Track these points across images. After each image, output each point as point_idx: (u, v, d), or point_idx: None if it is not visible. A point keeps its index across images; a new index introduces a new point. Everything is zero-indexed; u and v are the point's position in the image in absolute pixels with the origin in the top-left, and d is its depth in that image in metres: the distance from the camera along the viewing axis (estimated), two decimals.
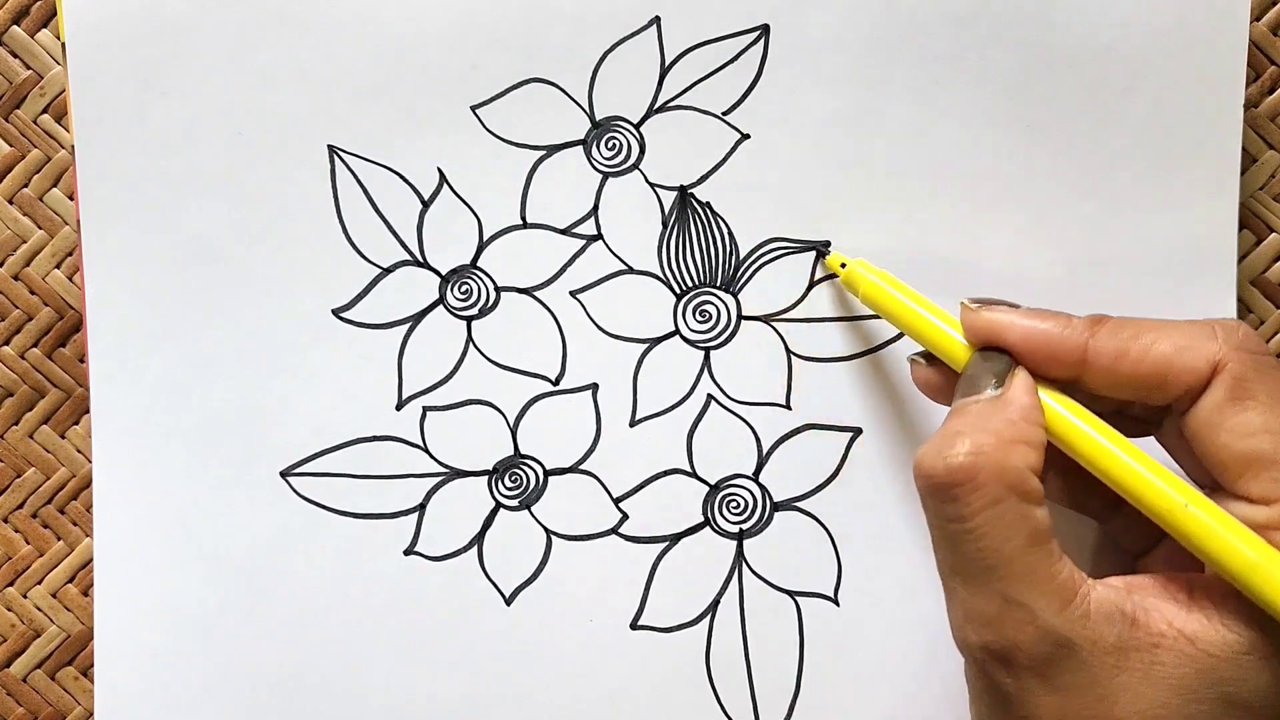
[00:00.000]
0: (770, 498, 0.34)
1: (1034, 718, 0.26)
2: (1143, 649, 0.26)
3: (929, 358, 0.31)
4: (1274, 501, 0.26)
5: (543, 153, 0.34)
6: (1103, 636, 0.26)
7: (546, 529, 0.34)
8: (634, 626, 0.34)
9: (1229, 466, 0.27)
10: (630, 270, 0.34)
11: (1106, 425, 0.28)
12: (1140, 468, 0.27)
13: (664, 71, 0.34)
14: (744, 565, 0.34)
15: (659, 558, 0.34)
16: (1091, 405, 0.29)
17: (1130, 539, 0.31)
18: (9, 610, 0.36)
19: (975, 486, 0.26)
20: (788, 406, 0.34)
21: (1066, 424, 0.28)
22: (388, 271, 0.34)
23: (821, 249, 0.34)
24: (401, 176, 0.34)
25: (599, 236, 0.34)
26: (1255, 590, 0.25)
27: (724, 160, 0.34)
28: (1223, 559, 0.26)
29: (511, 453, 0.34)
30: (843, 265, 0.33)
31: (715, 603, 0.34)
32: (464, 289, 0.34)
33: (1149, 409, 0.29)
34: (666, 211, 0.34)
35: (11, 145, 0.35)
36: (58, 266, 0.35)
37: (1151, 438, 0.30)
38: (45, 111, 0.35)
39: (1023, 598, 0.26)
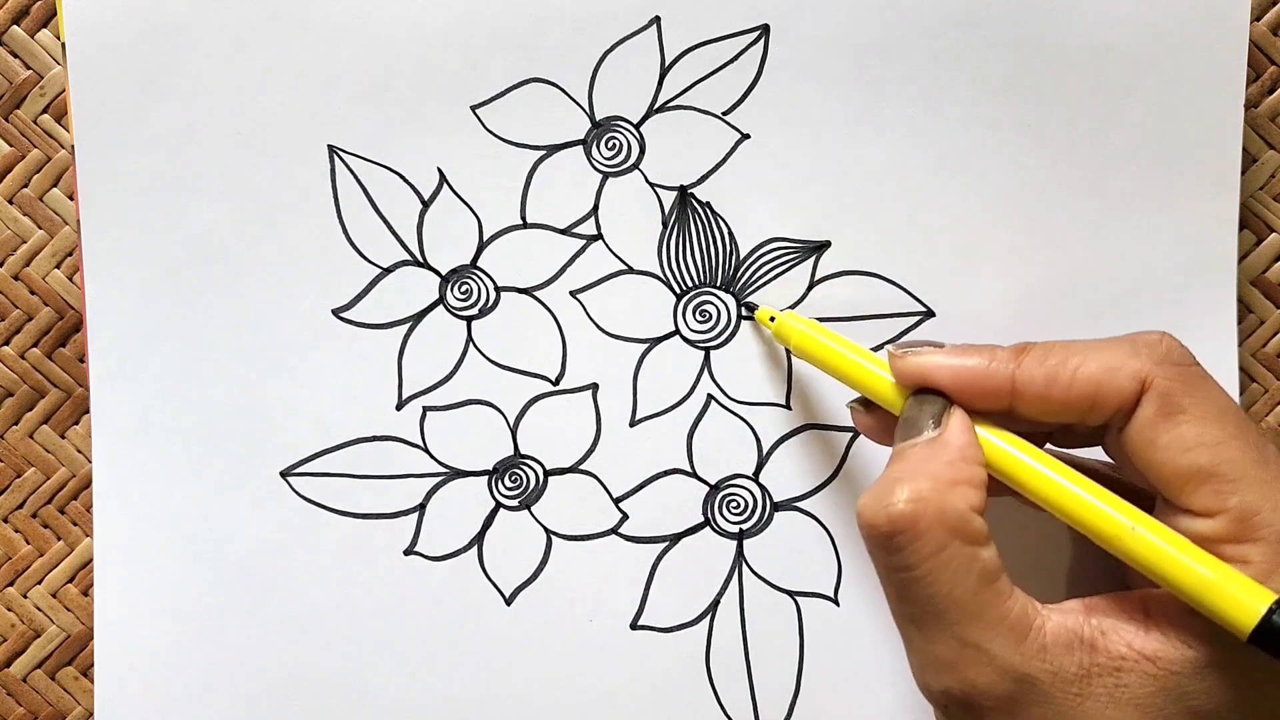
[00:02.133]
0: (770, 498, 0.34)
1: None
2: (1105, 674, 0.26)
3: (867, 403, 0.30)
4: (1217, 514, 0.26)
5: (543, 153, 0.34)
6: (1063, 667, 0.26)
7: (546, 529, 0.34)
8: (634, 626, 0.34)
9: (1169, 482, 0.27)
10: (630, 270, 0.34)
11: (1046, 455, 0.27)
12: (1083, 494, 0.27)
13: (664, 71, 0.34)
14: (744, 565, 0.34)
15: (659, 558, 0.34)
16: (1033, 429, 0.29)
17: None
18: (9, 610, 0.36)
19: (917, 534, 0.26)
20: (788, 406, 0.34)
21: (1006, 457, 0.28)
22: (388, 271, 0.34)
23: (822, 248, 0.34)
24: (401, 176, 0.34)
25: (599, 236, 0.34)
26: (1210, 607, 0.25)
27: (724, 160, 0.34)
28: (1175, 579, 0.25)
29: (511, 453, 0.34)
30: (772, 319, 0.33)
31: (715, 603, 0.34)
32: (464, 289, 0.34)
33: (1088, 427, 0.29)
34: (666, 211, 0.34)
35: (11, 145, 0.35)
36: (58, 266, 0.35)
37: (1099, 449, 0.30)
38: (45, 111, 0.35)
39: (977, 639, 0.26)
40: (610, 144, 0.34)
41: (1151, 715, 0.26)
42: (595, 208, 0.34)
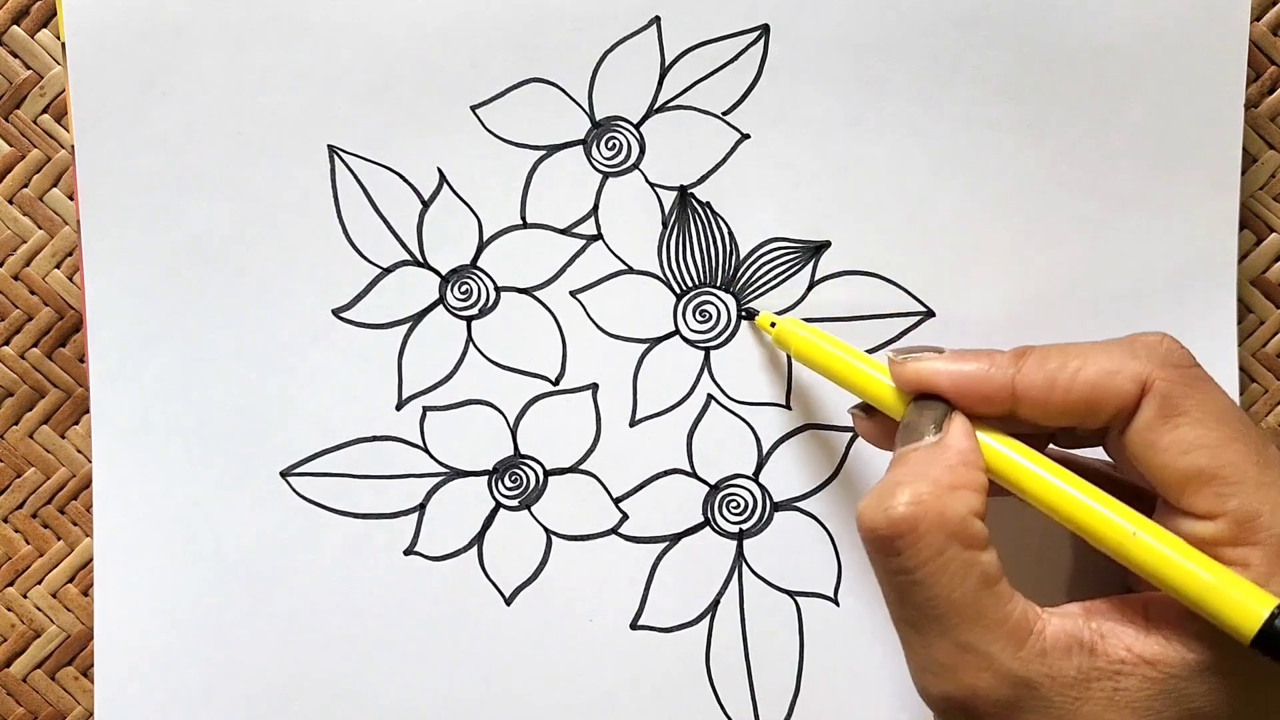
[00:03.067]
0: (770, 498, 0.34)
1: None
2: (1104, 677, 0.26)
3: (868, 409, 0.31)
4: (1218, 516, 0.26)
5: (543, 153, 0.34)
6: (1062, 671, 0.26)
7: (546, 529, 0.34)
8: (634, 626, 0.34)
9: (1170, 484, 0.27)
10: (630, 270, 0.34)
11: (1046, 459, 0.27)
12: (1084, 498, 0.26)
13: (664, 71, 0.34)
14: (744, 565, 0.34)
15: (659, 558, 0.34)
16: (1034, 431, 0.29)
17: None
18: (9, 610, 0.36)
19: (917, 537, 0.26)
20: (788, 406, 0.34)
21: (1007, 462, 0.27)
22: (388, 271, 0.34)
23: (821, 248, 0.34)
24: (401, 176, 0.34)
25: (599, 236, 0.34)
26: (1212, 612, 0.25)
27: (724, 160, 0.34)
28: (1176, 584, 0.25)
29: (511, 453, 0.34)
30: (772, 324, 0.33)
31: (715, 603, 0.34)
32: (464, 289, 0.34)
33: (1089, 430, 0.29)
34: (666, 211, 0.34)
35: (11, 145, 0.35)
36: (58, 266, 0.35)
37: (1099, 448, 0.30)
38: (45, 111, 0.35)
39: (977, 643, 0.26)
40: (610, 144, 0.34)
41: (1150, 717, 0.26)
42: (595, 208, 0.34)
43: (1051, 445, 0.31)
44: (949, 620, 0.26)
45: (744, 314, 0.34)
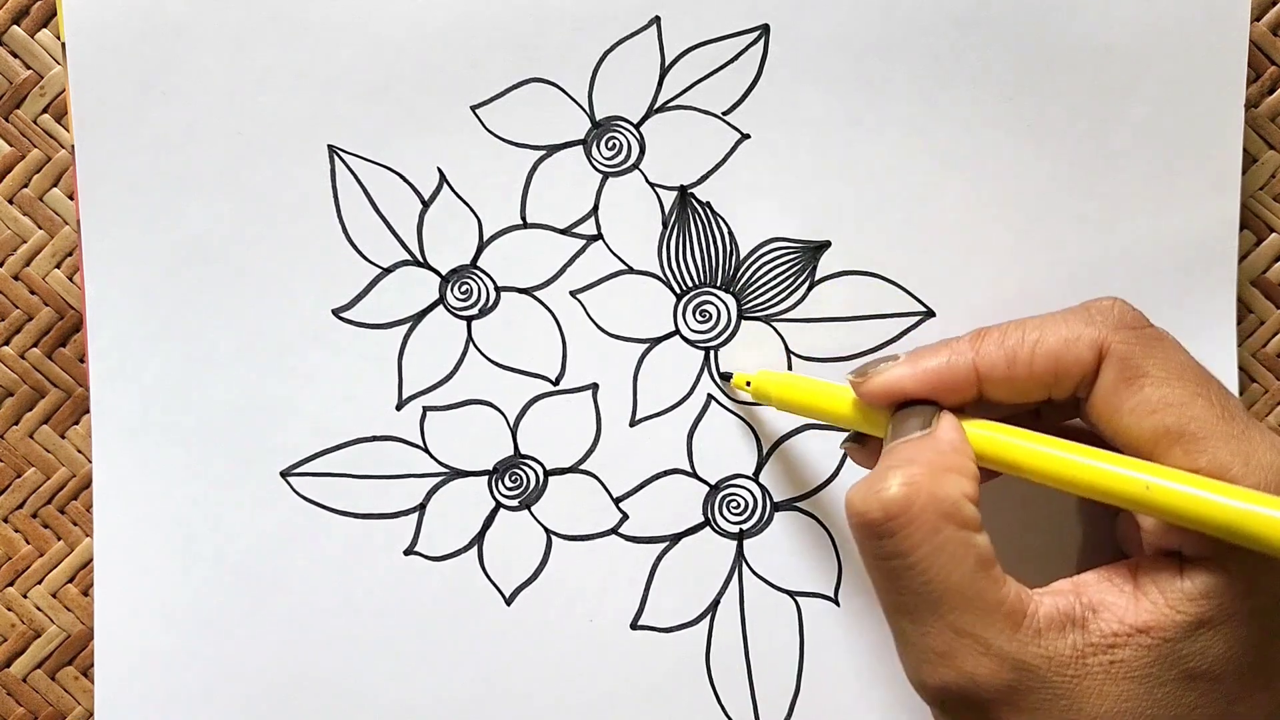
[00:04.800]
0: (770, 498, 0.34)
1: None
2: (1099, 651, 0.26)
3: (860, 437, 0.31)
4: (1189, 473, 0.26)
5: (543, 153, 0.34)
6: (1058, 651, 0.26)
7: (546, 529, 0.34)
8: (634, 626, 0.34)
9: (1139, 445, 0.27)
10: (630, 270, 0.34)
11: (1045, 436, 0.27)
12: (1093, 462, 0.26)
13: (664, 71, 0.34)
14: (744, 565, 0.34)
15: (659, 558, 0.34)
16: (1014, 411, 0.29)
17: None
18: (9, 610, 0.36)
19: (910, 519, 0.26)
20: None
21: (1008, 447, 0.27)
22: (388, 271, 0.34)
23: (821, 248, 0.34)
24: (401, 176, 0.34)
25: (599, 236, 0.34)
26: (1257, 536, 0.24)
27: (724, 160, 0.34)
28: (1208, 521, 0.25)
29: (511, 453, 0.34)
30: (748, 383, 0.33)
31: (715, 603, 0.34)
32: (464, 289, 0.34)
33: (1062, 402, 0.29)
34: (666, 211, 0.34)
35: (11, 145, 0.35)
36: (58, 266, 0.35)
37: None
38: (45, 111, 0.35)
39: (974, 628, 0.26)
40: (610, 144, 0.34)
41: (1149, 685, 0.26)
42: (595, 208, 0.34)
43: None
44: (945, 604, 0.26)
45: (720, 377, 0.34)
